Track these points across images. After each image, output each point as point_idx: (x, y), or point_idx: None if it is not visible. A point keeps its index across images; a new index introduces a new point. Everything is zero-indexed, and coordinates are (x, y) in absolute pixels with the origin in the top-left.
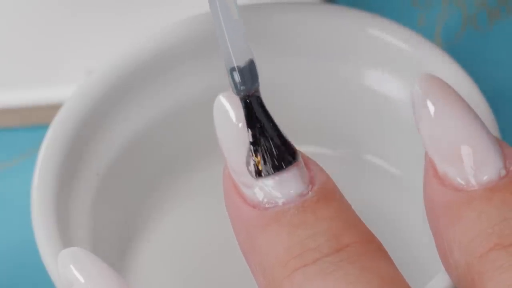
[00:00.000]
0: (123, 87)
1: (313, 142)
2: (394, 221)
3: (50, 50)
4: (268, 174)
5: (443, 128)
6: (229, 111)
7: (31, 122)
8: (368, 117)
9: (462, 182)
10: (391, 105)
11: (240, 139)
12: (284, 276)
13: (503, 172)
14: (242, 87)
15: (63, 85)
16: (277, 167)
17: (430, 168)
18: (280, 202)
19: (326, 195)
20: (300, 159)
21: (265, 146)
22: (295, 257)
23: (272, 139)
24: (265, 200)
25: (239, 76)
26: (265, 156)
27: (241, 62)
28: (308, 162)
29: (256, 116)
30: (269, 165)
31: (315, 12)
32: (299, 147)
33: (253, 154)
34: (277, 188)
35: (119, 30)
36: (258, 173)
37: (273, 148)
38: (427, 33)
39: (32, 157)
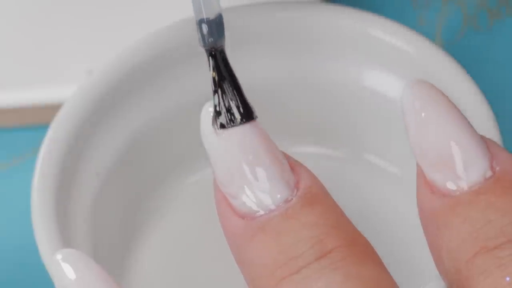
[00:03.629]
0: (123, 87)
1: (313, 142)
2: (393, 221)
3: (50, 50)
4: (230, 123)
5: (428, 135)
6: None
7: (31, 122)
8: (368, 117)
9: (449, 187)
10: (391, 105)
11: (225, 150)
12: (271, 286)
13: (489, 173)
14: (209, 39)
15: (63, 85)
16: (240, 119)
17: (421, 175)
18: (266, 208)
19: (311, 200)
20: (255, 118)
21: (228, 98)
22: (281, 266)
23: (234, 93)
24: (251, 211)
25: (207, 28)
26: (228, 107)
27: (211, 14)
28: (294, 165)
29: (220, 69)
30: (229, 116)
31: (315, 11)
32: (299, 147)
33: (218, 102)
34: (262, 194)
35: (119, 30)
36: (221, 123)
37: (236, 101)
38: (427, 33)
39: (32, 157)
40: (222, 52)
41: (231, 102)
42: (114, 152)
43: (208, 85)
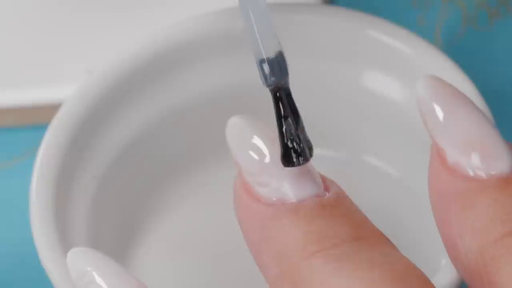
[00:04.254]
0: (123, 87)
1: (312, 143)
2: (393, 222)
3: (50, 50)
4: (296, 163)
5: (455, 119)
6: (243, 120)
7: (31, 122)
8: (366, 118)
9: (474, 173)
10: (390, 107)
11: (256, 141)
12: (302, 259)
13: None
14: (272, 79)
15: (63, 85)
16: (302, 160)
17: (438, 159)
18: (296, 201)
19: (342, 199)
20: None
21: (292, 137)
22: (314, 241)
23: (299, 134)
24: (281, 199)
25: (268, 68)
26: (294, 147)
27: (271, 53)
28: (322, 176)
29: (285, 110)
30: (294, 156)
31: (315, 13)
32: None
33: (283, 144)
34: (294, 189)
35: (119, 30)
36: (289, 161)
37: (300, 141)
38: (427, 33)
39: (32, 157)
40: (286, 90)
41: (289, 143)
42: (113, 152)
43: (207, 85)
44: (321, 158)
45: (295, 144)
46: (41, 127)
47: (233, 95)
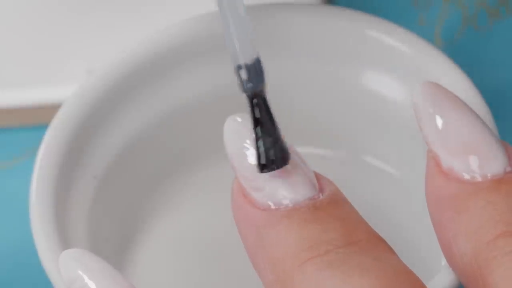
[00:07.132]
0: (123, 87)
1: (312, 143)
2: (392, 222)
3: (50, 50)
4: (269, 170)
5: (449, 125)
6: (240, 121)
7: (31, 122)
8: (366, 118)
9: (468, 176)
10: (390, 107)
11: (251, 146)
12: (295, 266)
13: (509, 169)
14: (249, 85)
15: (63, 85)
16: (272, 166)
17: (433, 164)
18: (290, 204)
19: (337, 200)
20: (290, 161)
21: (266, 145)
22: (307, 248)
23: (272, 140)
24: (276, 203)
25: (246, 74)
26: (265, 153)
27: (248, 59)
28: (318, 175)
29: (261, 116)
30: (266, 162)
31: (315, 13)
32: (297, 148)
33: (256, 149)
34: (289, 192)
35: (119, 30)
36: (262, 168)
37: (272, 148)
38: (427, 33)
39: (32, 157)
40: (262, 97)
41: (262, 148)
42: (113, 152)
43: (207, 85)
44: (321, 158)
45: (270, 152)
46: (41, 127)
47: (234, 95)
